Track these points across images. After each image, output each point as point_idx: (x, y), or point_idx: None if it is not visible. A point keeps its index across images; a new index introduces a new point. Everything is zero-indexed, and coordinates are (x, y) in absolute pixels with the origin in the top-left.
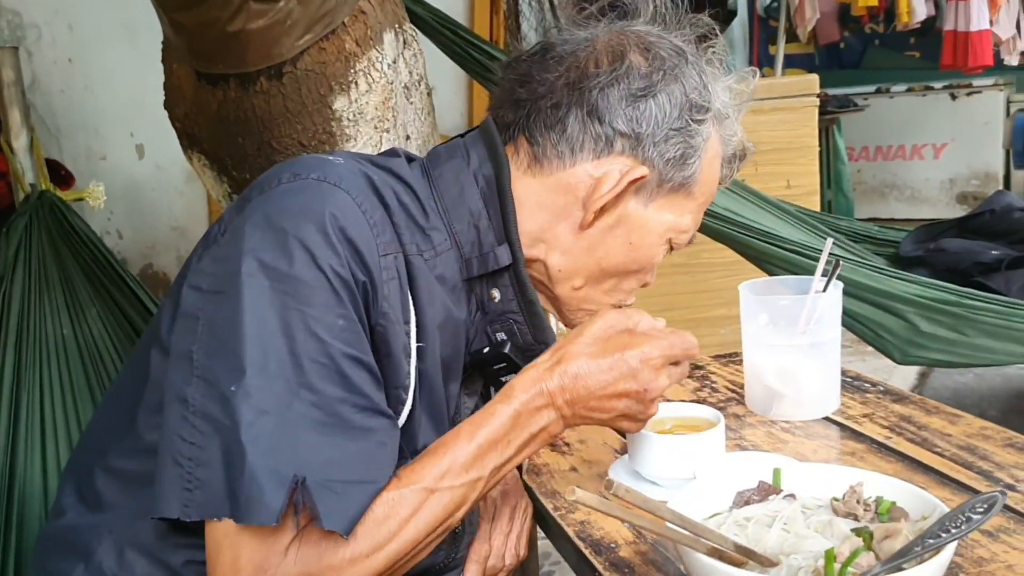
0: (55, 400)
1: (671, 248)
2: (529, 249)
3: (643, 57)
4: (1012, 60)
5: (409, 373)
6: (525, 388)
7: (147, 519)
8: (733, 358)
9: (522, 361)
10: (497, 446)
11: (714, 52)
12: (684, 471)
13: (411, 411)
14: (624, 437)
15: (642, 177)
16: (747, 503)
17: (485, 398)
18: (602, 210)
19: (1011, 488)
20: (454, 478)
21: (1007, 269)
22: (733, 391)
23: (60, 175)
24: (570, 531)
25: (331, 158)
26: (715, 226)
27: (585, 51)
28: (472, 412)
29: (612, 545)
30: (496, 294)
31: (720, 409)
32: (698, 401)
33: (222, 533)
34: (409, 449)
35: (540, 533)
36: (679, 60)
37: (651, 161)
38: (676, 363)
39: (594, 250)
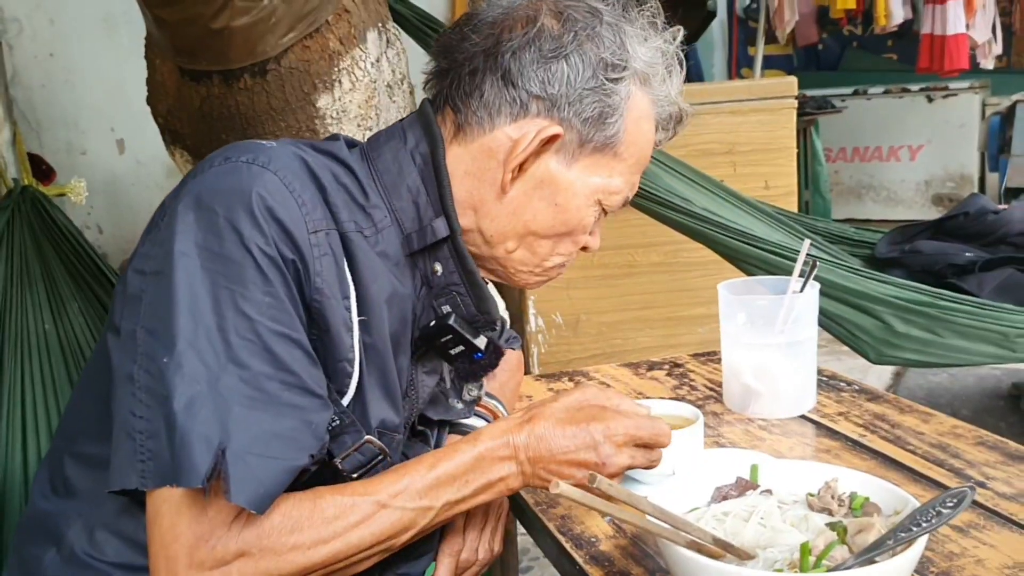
0: (36, 394)
1: (604, 211)
2: (463, 219)
3: (555, 20)
4: (988, 64)
5: (353, 346)
6: (493, 436)
7: (114, 500)
8: (711, 356)
9: (468, 332)
10: (454, 482)
11: (647, 14)
12: (664, 467)
13: (359, 383)
14: None
15: (556, 136)
16: (725, 498)
17: (446, 380)
18: (521, 170)
19: (981, 485)
20: (407, 500)
21: (980, 271)
22: (711, 389)
23: (41, 169)
24: (551, 526)
25: (265, 143)
26: (694, 225)
27: (501, 18)
28: (431, 391)
29: (593, 539)
30: (438, 267)
31: (698, 407)
32: (677, 398)
33: (161, 499)
34: (362, 422)
35: (520, 529)
36: (593, 21)
37: (568, 121)
38: (645, 446)
39: (520, 212)
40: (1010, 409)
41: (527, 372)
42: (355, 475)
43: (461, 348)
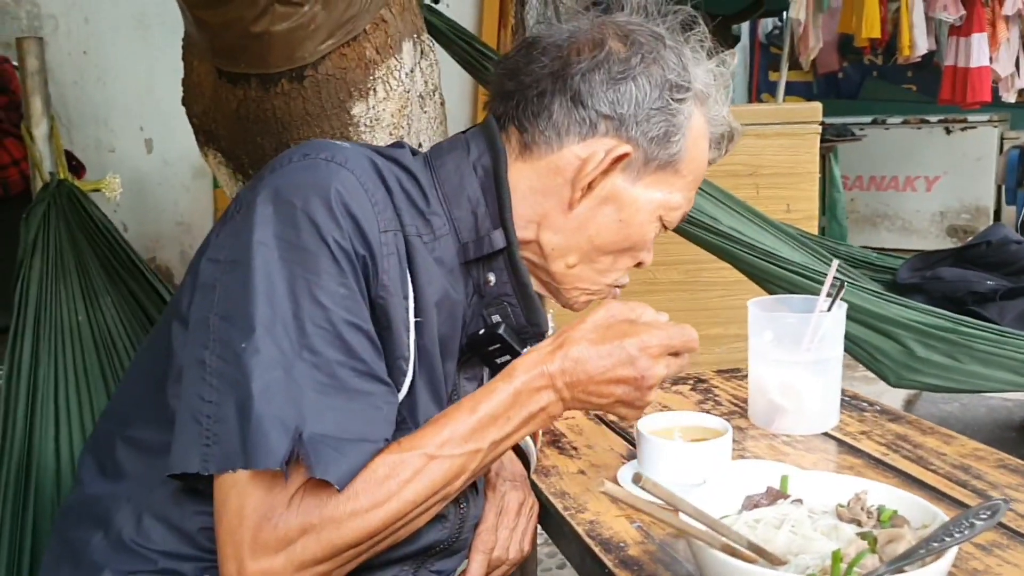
0: (68, 385)
1: (664, 227)
2: (523, 231)
3: (622, 43)
4: (1010, 97)
5: (409, 346)
6: (527, 369)
7: (165, 486)
8: (736, 373)
9: (516, 342)
10: (497, 421)
11: (695, 38)
12: (694, 477)
13: (412, 383)
14: (633, 445)
15: (626, 155)
16: (756, 506)
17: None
18: (590, 188)
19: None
20: (454, 447)
21: (1001, 299)
22: (736, 405)
23: (72, 165)
24: (580, 530)
25: (340, 143)
26: (719, 244)
27: (568, 42)
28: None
29: (621, 544)
30: (492, 278)
31: (725, 421)
32: (703, 413)
33: (230, 484)
34: (412, 421)
35: (541, 535)
36: (657, 44)
37: (635, 140)
38: (676, 354)
39: (585, 228)
40: (1021, 441)
41: None
42: None
43: (507, 357)
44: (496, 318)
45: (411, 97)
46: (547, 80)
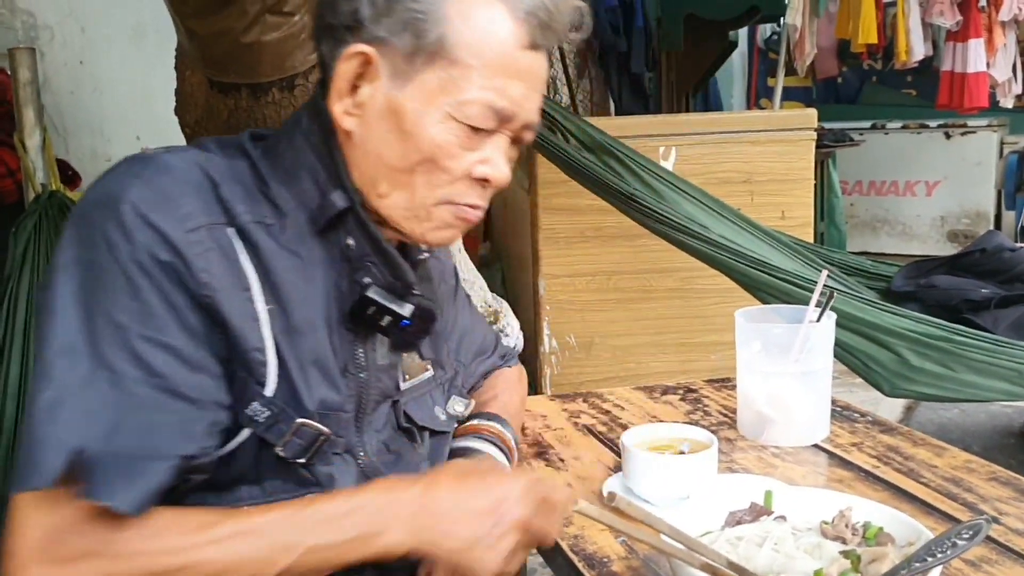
0: None
1: (474, 128)
2: (358, 183)
3: None
4: (1007, 102)
5: (262, 336)
6: (380, 486)
7: None
8: (726, 383)
9: (389, 301)
10: (326, 526)
11: None
12: (678, 490)
13: (282, 370)
14: (619, 456)
15: (361, 54)
16: (739, 523)
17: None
18: (359, 107)
19: (995, 520)
20: (271, 531)
21: (996, 308)
22: (725, 415)
23: (67, 175)
24: (564, 544)
25: (155, 151)
26: (711, 252)
27: None
28: (379, 366)
29: (605, 560)
30: (351, 241)
31: (712, 432)
32: (691, 424)
33: (17, 506)
34: (296, 407)
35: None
36: None
37: (380, 40)
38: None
39: (373, 149)
40: (1021, 447)
41: (539, 392)
42: (300, 459)
43: (389, 319)
44: (368, 280)
45: None
46: (316, 31)
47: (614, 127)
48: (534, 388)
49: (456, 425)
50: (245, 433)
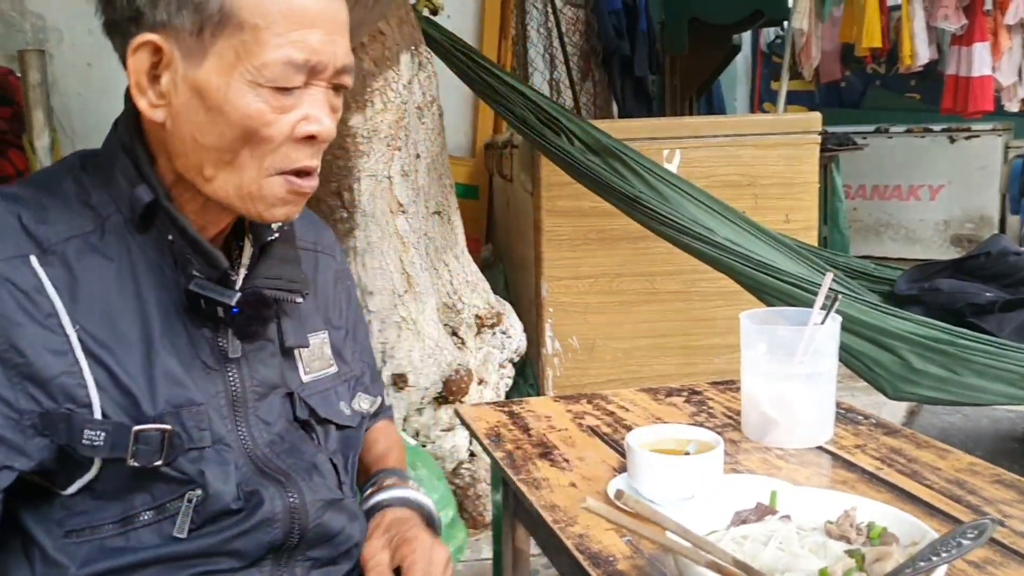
0: None
1: (282, 89)
2: (172, 174)
3: None
4: (1012, 106)
5: (77, 360)
6: None
7: None
8: (730, 385)
9: (211, 292)
10: None
11: None
12: (684, 491)
13: (113, 382)
14: (624, 457)
15: (148, 43)
16: (744, 522)
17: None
18: (163, 96)
19: (999, 523)
20: None
21: (1000, 311)
22: (730, 417)
23: None
24: (569, 543)
25: None
26: (715, 255)
27: None
28: (246, 359)
29: (610, 559)
30: (171, 236)
31: (716, 434)
32: (696, 425)
33: None
34: (135, 415)
35: (535, 549)
36: None
37: (163, 25)
38: None
39: (189, 135)
40: None
41: (541, 394)
42: (155, 463)
43: (220, 309)
44: (195, 273)
45: (409, 108)
46: (102, 24)
47: (618, 130)
48: (537, 390)
49: (362, 420)
50: (97, 463)
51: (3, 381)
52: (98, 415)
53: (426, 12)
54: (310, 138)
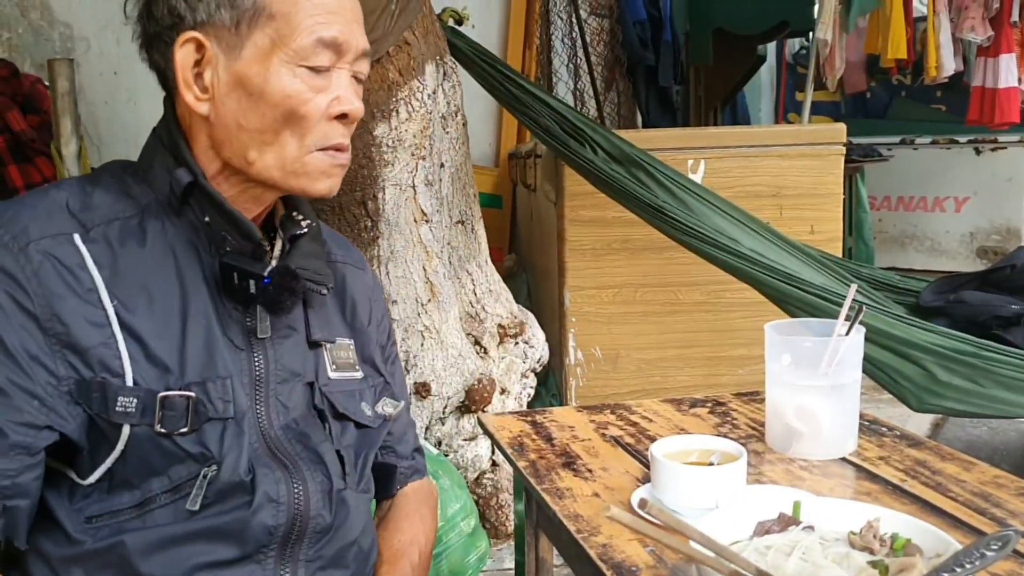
0: None
1: (314, 69)
2: (212, 164)
3: None
4: None
5: (113, 333)
6: None
7: None
8: (754, 396)
9: (248, 265)
10: None
11: None
12: (707, 501)
13: (145, 354)
14: (647, 467)
15: (192, 39)
16: (767, 532)
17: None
18: (206, 90)
19: (1023, 535)
20: None
21: None
22: (753, 428)
23: None
24: (592, 553)
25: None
26: (740, 265)
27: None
28: (272, 340)
29: (633, 569)
30: (207, 217)
31: (740, 445)
32: (720, 436)
33: None
34: (162, 386)
35: (558, 559)
36: None
37: (203, 24)
38: None
39: (234, 122)
40: None
41: (564, 403)
42: (181, 429)
43: (252, 283)
44: (228, 249)
45: (433, 118)
46: (140, 42)
47: (643, 139)
48: (559, 400)
49: (384, 423)
50: (126, 431)
51: (45, 349)
52: (130, 383)
53: (451, 22)
54: (342, 116)
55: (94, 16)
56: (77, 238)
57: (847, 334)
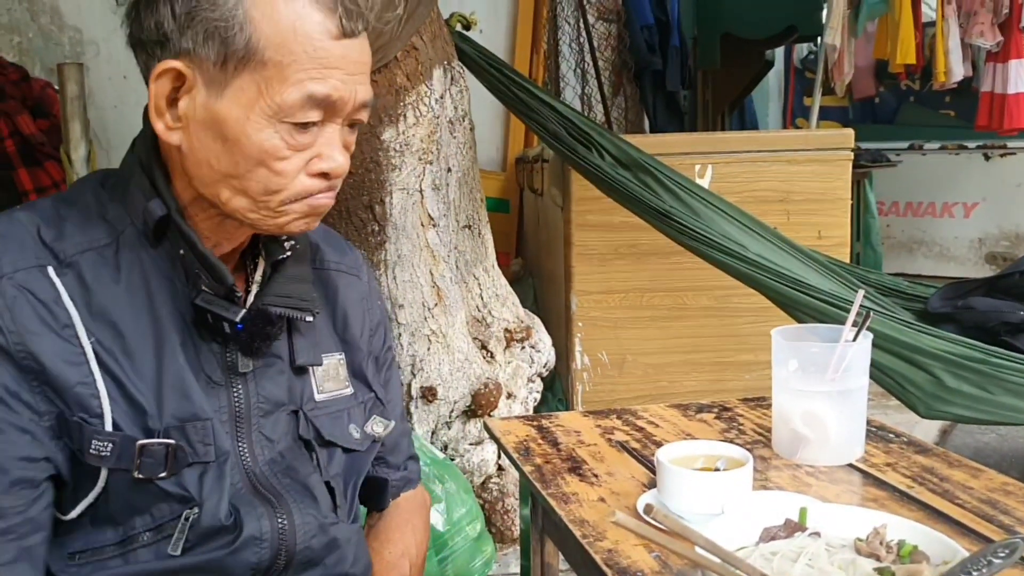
0: None
1: (299, 125)
2: (187, 190)
3: None
4: None
5: (91, 371)
6: None
7: None
8: (761, 402)
9: (217, 307)
10: None
11: None
12: (713, 507)
13: (123, 394)
14: (655, 473)
15: (170, 70)
16: (773, 538)
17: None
18: (180, 120)
19: None
20: None
21: None
22: (760, 434)
23: None
24: (598, 559)
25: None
26: (747, 271)
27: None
28: (254, 374)
29: (638, 574)
30: (182, 251)
31: (747, 450)
32: (726, 441)
33: None
34: (140, 427)
35: (563, 564)
36: None
37: (187, 53)
38: None
39: (205, 159)
40: None
41: (570, 408)
42: (160, 475)
43: (225, 325)
44: (204, 288)
45: (441, 123)
46: (127, 40)
47: (650, 144)
48: (566, 404)
49: (372, 444)
50: (104, 473)
51: (24, 385)
52: (108, 427)
53: (459, 27)
54: (323, 174)
55: (104, 20)
56: (51, 271)
57: (854, 340)
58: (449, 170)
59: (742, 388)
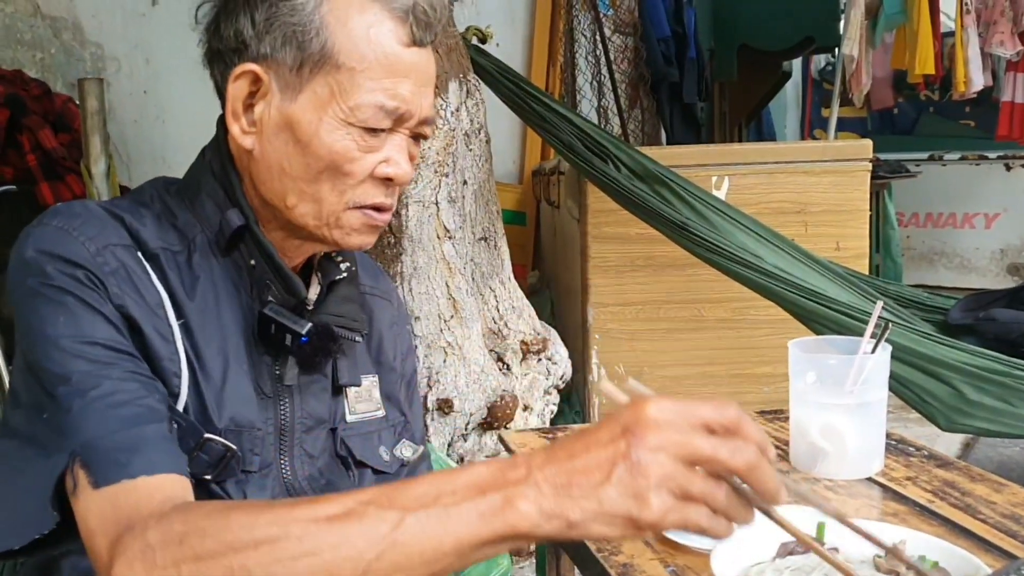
0: None
1: (370, 130)
2: (254, 201)
3: None
4: None
5: (177, 351)
6: (489, 462)
7: None
8: (778, 415)
9: (288, 320)
10: (435, 500)
11: None
12: None
13: (193, 385)
14: None
15: (251, 74)
16: (790, 554)
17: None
18: (255, 124)
19: None
20: (367, 513)
21: None
22: (778, 447)
23: None
24: (613, 572)
25: (71, 205)
26: (764, 283)
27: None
28: (298, 387)
29: None
30: (253, 261)
31: None
32: None
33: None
34: (203, 422)
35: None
36: None
37: (264, 57)
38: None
39: (276, 163)
40: None
41: (587, 420)
42: (206, 476)
43: (289, 337)
44: (270, 299)
45: (457, 135)
46: (203, 53)
47: (667, 156)
48: (583, 417)
49: (401, 468)
50: None
51: (128, 343)
52: (180, 408)
53: (475, 40)
54: (388, 180)
55: (125, 37)
56: (140, 255)
57: (873, 351)
58: (465, 182)
59: (760, 400)
